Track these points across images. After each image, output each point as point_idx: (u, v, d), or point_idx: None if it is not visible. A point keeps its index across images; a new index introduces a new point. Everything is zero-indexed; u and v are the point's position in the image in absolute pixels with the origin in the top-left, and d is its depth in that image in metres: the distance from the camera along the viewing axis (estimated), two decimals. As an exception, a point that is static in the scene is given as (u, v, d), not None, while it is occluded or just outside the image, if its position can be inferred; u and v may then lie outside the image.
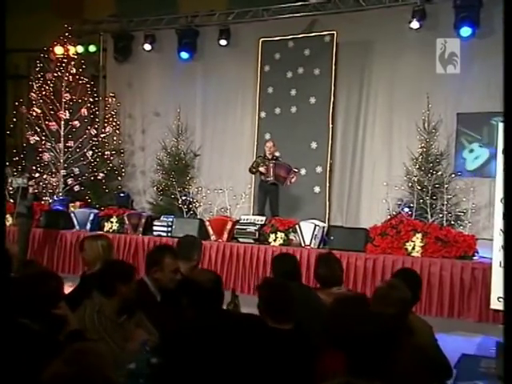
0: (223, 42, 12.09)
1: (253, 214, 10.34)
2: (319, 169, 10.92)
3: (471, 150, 10.24)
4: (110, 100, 12.66)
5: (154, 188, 12.53)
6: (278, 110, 11.41)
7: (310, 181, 10.88)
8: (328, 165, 10.89)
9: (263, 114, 11.57)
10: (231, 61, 12.20)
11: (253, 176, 11.44)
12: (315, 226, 8.12)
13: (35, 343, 2.35)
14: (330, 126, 10.90)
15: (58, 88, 12.33)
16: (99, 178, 12.39)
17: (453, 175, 9.66)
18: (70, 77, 12.42)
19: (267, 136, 11.44)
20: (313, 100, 11.06)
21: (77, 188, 12.22)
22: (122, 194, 12.31)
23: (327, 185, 10.91)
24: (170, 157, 12.46)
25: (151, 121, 13.09)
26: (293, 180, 9.91)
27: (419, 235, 7.41)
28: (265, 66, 11.55)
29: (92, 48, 13.48)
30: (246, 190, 11.26)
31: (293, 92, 11.26)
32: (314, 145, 11.03)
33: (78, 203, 11.83)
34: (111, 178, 12.84)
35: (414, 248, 7.37)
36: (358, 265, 7.70)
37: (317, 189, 10.96)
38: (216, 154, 12.51)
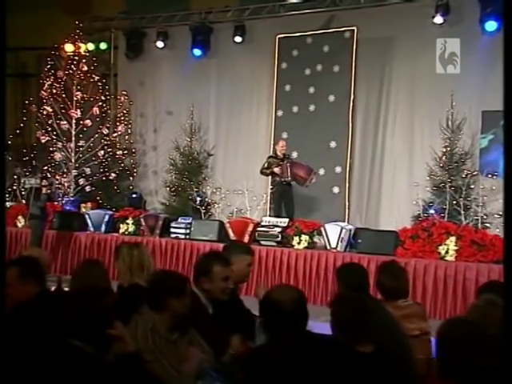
0: (238, 39, 11.77)
1: (269, 216, 10.09)
2: (338, 169, 10.63)
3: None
4: (122, 99, 12.34)
5: (167, 188, 12.26)
6: (295, 109, 11.10)
7: (328, 181, 10.57)
8: (348, 165, 10.60)
9: (280, 113, 11.27)
10: (246, 58, 11.90)
11: (269, 177, 11.17)
12: (341, 228, 7.81)
13: (90, 369, 2.06)
14: (350, 124, 10.60)
15: (69, 86, 12.04)
16: (111, 178, 12.09)
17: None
18: (82, 75, 12.12)
19: (284, 135, 11.16)
20: (332, 98, 10.75)
21: (88, 188, 11.93)
22: (134, 195, 12.02)
23: (347, 185, 10.61)
24: (184, 156, 12.17)
25: (163, 120, 12.79)
26: (313, 181, 9.62)
27: (453, 238, 7.09)
28: (282, 63, 11.24)
29: (103, 45, 13.21)
30: (263, 191, 10.93)
31: (311, 90, 10.95)
32: (333, 144, 10.73)
33: (89, 204, 11.57)
34: (122, 178, 12.55)
35: (447, 252, 7.06)
36: (388, 269, 7.37)
37: (336, 189, 10.66)
38: (230, 154, 12.22)
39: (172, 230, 8.95)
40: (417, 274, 7.20)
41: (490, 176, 9.21)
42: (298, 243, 8.07)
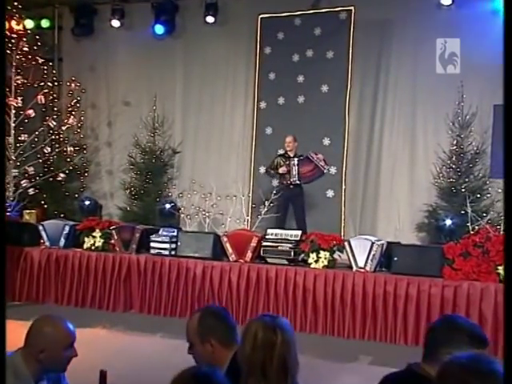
0: (210, 19, 10.22)
1: (251, 224, 8.68)
2: (333, 169, 9.29)
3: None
4: (72, 86, 10.46)
5: (126, 191, 10.56)
6: (281, 100, 9.70)
7: (321, 183, 9.17)
8: (344, 165, 9.30)
9: (263, 105, 9.82)
10: (219, 41, 10.40)
11: (251, 177, 9.77)
12: (372, 243, 6.43)
13: None
14: (347, 119, 9.29)
15: (7, 69, 10.05)
16: (58, 178, 10.24)
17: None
18: (22, 56, 10.16)
19: (268, 130, 9.78)
20: (325, 88, 9.43)
21: (31, 191, 10.01)
22: (87, 202, 10.22)
23: (343, 188, 9.30)
24: (145, 154, 10.51)
25: (119, 111, 11.11)
26: (321, 156, 8.39)
27: (517, 256, 5.87)
28: (265, 47, 9.81)
29: (45, 23, 11.25)
30: (241, 195, 9.38)
31: (300, 78, 9.58)
32: (326, 141, 9.42)
33: (34, 211, 9.70)
34: (72, 178, 10.72)
35: (511, 272, 5.80)
36: (433, 293, 6.08)
37: (330, 193, 9.35)
38: (200, 152, 10.67)
39: (152, 244, 7.27)
40: (471, 300, 5.94)
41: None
42: (316, 261, 6.62)
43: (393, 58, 9.51)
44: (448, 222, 8.21)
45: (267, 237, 6.97)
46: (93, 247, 7.56)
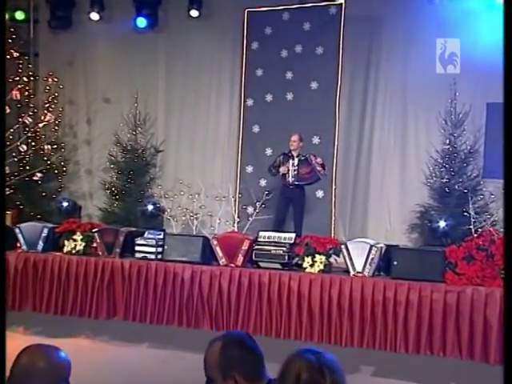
0: (194, 13, 9.85)
1: (239, 226, 8.37)
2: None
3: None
4: (50, 81, 9.99)
5: (106, 191, 10.14)
6: (269, 97, 9.34)
7: (311, 183, 8.88)
8: (334, 164, 8.99)
9: (250, 102, 9.45)
10: (204, 36, 10.01)
11: (238, 178, 9.44)
12: (371, 246, 6.13)
13: None
14: (337, 116, 8.99)
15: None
16: (35, 178, 9.79)
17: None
18: (-4, 50, 9.67)
19: (256, 129, 9.44)
20: (314, 85, 9.10)
21: (6, 191, 9.52)
22: (65, 203, 9.74)
23: (333, 187, 9.00)
24: (128, 153, 10.10)
25: (99, 108, 10.65)
26: (320, 160, 7.99)
27: (524, 260, 5.62)
28: (252, 42, 9.43)
29: (20, 15, 10.73)
30: (227, 193, 9.06)
31: (289, 75, 9.24)
32: (316, 140, 9.08)
33: (9, 212, 9.27)
34: (49, 178, 10.27)
35: (517, 277, 5.56)
36: (435, 299, 5.81)
37: (320, 193, 9.03)
38: (183, 151, 10.31)
39: (137, 247, 6.88)
40: (475, 307, 5.67)
41: None
42: (311, 265, 6.30)
43: (383, 53, 9.29)
44: (442, 223, 7.94)
45: (259, 240, 6.63)
46: (73, 251, 7.14)
